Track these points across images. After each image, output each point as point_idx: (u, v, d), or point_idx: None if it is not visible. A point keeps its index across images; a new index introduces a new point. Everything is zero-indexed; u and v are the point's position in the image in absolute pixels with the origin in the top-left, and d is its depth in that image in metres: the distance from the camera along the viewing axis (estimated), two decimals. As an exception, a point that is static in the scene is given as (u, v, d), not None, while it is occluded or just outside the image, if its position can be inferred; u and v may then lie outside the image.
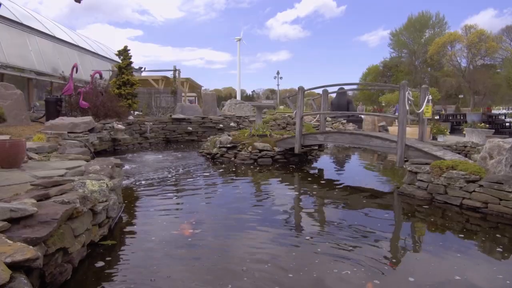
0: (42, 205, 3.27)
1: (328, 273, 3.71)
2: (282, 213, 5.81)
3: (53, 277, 3.14)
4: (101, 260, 3.94)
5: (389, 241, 4.79)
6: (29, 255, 2.40)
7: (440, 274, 3.72)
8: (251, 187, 8.07)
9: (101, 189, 4.36)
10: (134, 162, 10.91)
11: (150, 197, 6.86)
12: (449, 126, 21.22)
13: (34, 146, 7.88)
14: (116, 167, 5.87)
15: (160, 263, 4.00)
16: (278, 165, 10.37)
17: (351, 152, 14.71)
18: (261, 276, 3.64)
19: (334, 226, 5.22)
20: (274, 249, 4.38)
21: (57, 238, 3.15)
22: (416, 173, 7.04)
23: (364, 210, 6.06)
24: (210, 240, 4.64)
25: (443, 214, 5.95)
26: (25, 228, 2.89)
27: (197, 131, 17.04)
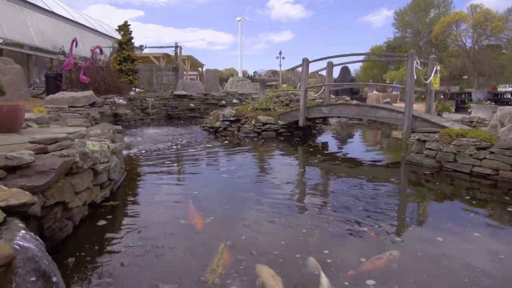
0: (40, 157, 3.13)
1: (328, 243, 3.60)
2: (286, 185, 5.64)
3: (52, 231, 3.01)
4: (103, 219, 3.83)
5: (395, 212, 4.62)
6: (25, 199, 2.26)
7: (448, 243, 3.57)
8: (254, 159, 7.92)
9: (102, 150, 4.22)
10: (136, 135, 10.77)
11: (152, 166, 6.73)
12: (454, 104, 20.95)
13: (33, 116, 7.70)
14: (117, 133, 5.72)
15: (163, 222, 3.89)
16: (282, 138, 10.21)
17: (355, 128, 14.53)
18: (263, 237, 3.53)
19: (338, 196, 5.05)
20: (274, 220, 4.25)
21: (56, 191, 3.01)
22: (424, 141, 6.87)
23: (371, 181, 5.90)
24: (213, 206, 4.52)
25: (452, 182, 5.81)
26: (21, 178, 2.74)
27: (199, 108, 16.82)
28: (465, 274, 2.88)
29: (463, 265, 3.03)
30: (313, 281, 2.72)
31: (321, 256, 3.11)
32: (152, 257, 3.06)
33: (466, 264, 3.03)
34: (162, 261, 3.01)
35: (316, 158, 7.76)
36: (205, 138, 10.17)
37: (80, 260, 2.97)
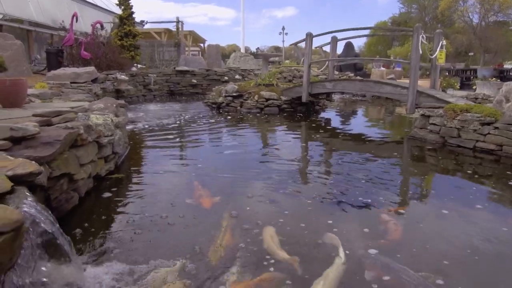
0: (44, 129, 3.13)
1: (331, 213, 3.63)
2: (289, 159, 5.65)
3: (59, 202, 3.05)
4: (108, 192, 3.87)
5: (398, 185, 4.64)
6: (32, 169, 2.27)
7: (450, 219, 3.58)
8: (257, 134, 7.92)
9: (105, 123, 4.22)
10: (139, 111, 10.75)
11: (155, 141, 6.75)
12: (459, 81, 20.70)
13: (36, 92, 7.67)
14: (120, 107, 5.71)
15: (167, 194, 3.93)
16: (285, 114, 10.17)
17: (359, 105, 14.45)
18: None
19: (341, 170, 5.07)
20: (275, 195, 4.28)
21: (61, 162, 3.03)
22: (428, 116, 6.83)
23: (374, 155, 5.90)
24: (216, 179, 4.55)
25: (455, 157, 5.81)
26: (27, 149, 2.76)
27: (201, 84, 16.71)
28: (468, 244, 2.91)
29: (466, 236, 3.06)
30: (317, 246, 2.77)
31: (326, 226, 3.16)
32: (157, 228, 3.10)
33: (469, 235, 3.07)
34: (167, 232, 3.06)
35: (319, 134, 7.75)
36: (207, 114, 10.15)
37: (86, 231, 3.02)
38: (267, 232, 2.99)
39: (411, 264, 2.56)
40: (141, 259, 2.57)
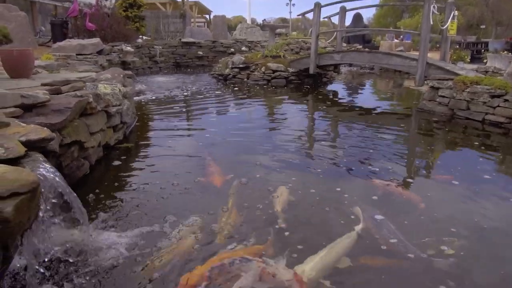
0: (54, 97, 3.15)
1: (338, 181, 3.66)
2: (296, 130, 5.64)
3: (70, 169, 3.10)
4: (117, 160, 3.92)
5: (406, 156, 4.64)
6: (44, 135, 2.30)
7: (457, 189, 3.57)
8: (264, 106, 7.89)
9: (113, 93, 4.23)
10: (145, 83, 10.72)
11: (162, 112, 6.77)
12: (469, 54, 20.27)
13: (42, 64, 7.66)
14: (127, 78, 5.70)
15: (175, 162, 3.98)
16: (292, 86, 10.10)
17: (366, 78, 14.27)
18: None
19: (348, 141, 5.07)
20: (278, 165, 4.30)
21: (72, 130, 3.06)
22: (437, 88, 6.76)
23: (381, 128, 5.86)
24: (223, 149, 4.58)
25: (464, 130, 5.78)
26: (38, 116, 2.79)
27: (207, 56, 16.56)
28: (475, 213, 2.94)
29: (473, 206, 3.09)
30: (326, 213, 2.83)
31: (335, 193, 3.21)
32: (166, 193, 3.16)
33: (476, 205, 3.10)
34: (175, 197, 3.12)
35: (326, 106, 7.72)
36: (214, 86, 10.11)
37: (98, 197, 3.08)
38: (280, 189, 3.19)
39: (418, 231, 2.61)
40: (152, 223, 2.64)
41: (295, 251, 2.34)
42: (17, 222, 1.58)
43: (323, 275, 2.12)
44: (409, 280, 2.15)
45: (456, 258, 2.30)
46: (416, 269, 2.22)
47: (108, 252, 2.23)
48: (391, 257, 2.33)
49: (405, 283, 2.13)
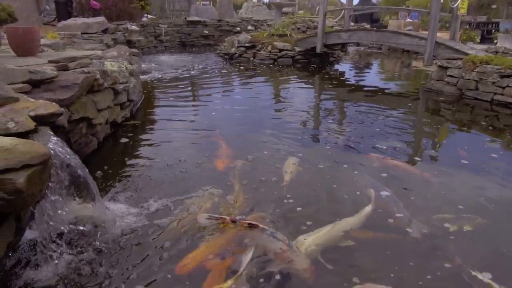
0: (62, 74, 3.16)
1: (344, 157, 3.67)
2: (302, 109, 5.61)
3: (79, 145, 3.13)
4: (124, 138, 3.95)
5: (414, 135, 4.62)
6: (53, 109, 2.32)
7: (464, 168, 3.56)
8: (270, 85, 7.85)
9: (120, 70, 4.23)
10: (151, 62, 10.67)
11: (168, 91, 6.76)
12: (480, 34, 19.86)
13: (48, 42, 7.63)
14: (133, 56, 5.68)
15: (181, 139, 4.00)
16: (299, 65, 10.01)
17: (374, 58, 14.08)
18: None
19: (354, 121, 5.04)
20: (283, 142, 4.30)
21: (80, 106, 3.08)
22: (446, 68, 6.67)
23: (388, 108, 5.80)
24: (229, 126, 4.58)
25: (471, 110, 5.73)
26: (46, 92, 2.80)
27: (213, 35, 16.38)
28: (482, 191, 2.95)
29: (481, 183, 3.10)
30: (332, 189, 2.85)
31: (343, 170, 3.22)
32: (173, 170, 3.19)
33: (483, 183, 3.10)
34: (183, 173, 3.14)
35: (333, 85, 7.66)
36: (220, 65, 10.04)
37: (106, 173, 3.12)
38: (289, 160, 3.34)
39: (424, 209, 2.63)
40: (160, 197, 2.68)
41: (301, 225, 2.37)
42: (30, 194, 1.61)
43: (323, 250, 2.15)
44: (406, 255, 2.17)
45: (457, 236, 2.32)
46: (414, 245, 2.25)
47: (119, 224, 2.28)
48: (394, 232, 2.36)
49: (401, 258, 2.15)
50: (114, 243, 2.14)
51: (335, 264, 2.04)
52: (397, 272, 1.98)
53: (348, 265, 2.07)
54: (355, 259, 2.12)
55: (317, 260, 2.06)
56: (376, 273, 1.99)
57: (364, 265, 2.07)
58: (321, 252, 2.12)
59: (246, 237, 2.19)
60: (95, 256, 2.03)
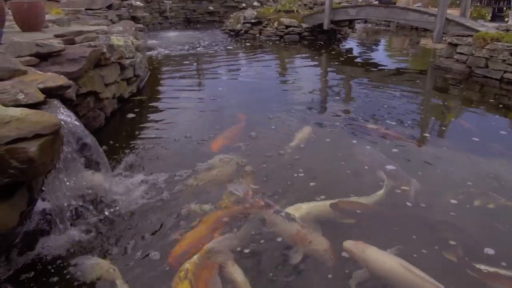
0: (69, 47, 3.14)
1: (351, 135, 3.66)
2: (308, 87, 5.56)
3: (87, 119, 3.14)
4: (131, 113, 3.97)
5: (421, 114, 4.56)
6: (61, 82, 2.32)
7: (473, 145, 3.53)
8: (276, 62, 7.77)
9: (126, 45, 4.20)
10: (156, 38, 10.58)
11: (174, 67, 6.72)
12: (491, 11, 19.41)
13: (52, 18, 7.56)
14: (139, 31, 5.63)
15: (188, 115, 4.01)
16: (306, 42, 9.88)
17: (382, 35, 13.85)
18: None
19: (360, 98, 4.98)
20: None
21: (87, 80, 3.08)
22: (456, 45, 6.55)
23: (395, 85, 5.73)
24: (235, 103, 4.57)
25: (481, 88, 5.66)
26: (53, 65, 2.80)
27: (218, 11, 16.15)
28: (491, 167, 2.95)
29: (490, 158, 3.09)
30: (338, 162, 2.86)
31: (350, 146, 3.23)
32: (180, 145, 3.22)
33: (492, 158, 3.10)
34: (190, 148, 3.16)
35: (340, 63, 7.57)
36: (225, 41, 9.94)
37: (113, 147, 3.14)
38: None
39: (434, 185, 2.64)
40: (167, 170, 2.72)
41: (309, 196, 2.40)
42: (41, 163, 1.63)
43: (318, 217, 2.21)
44: (407, 228, 2.19)
45: (458, 211, 2.33)
46: (414, 218, 2.29)
47: (128, 196, 2.32)
48: (399, 205, 2.38)
49: (400, 229, 2.17)
50: (122, 213, 2.18)
51: (328, 230, 2.10)
52: (391, 240, 2.02)
53: (342, 232, 2.12)
54: (349, 228, 2.17)
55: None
56: (369, 241, 2.01)
57: (358, 233, 2.11)
58: (315, 219, 2.17)
59: (261, 216, 2.21)
60: (104, 225, 2.07)
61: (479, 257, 1.92)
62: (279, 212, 2.20)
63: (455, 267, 1.87)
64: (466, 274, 1.81)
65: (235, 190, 2.40)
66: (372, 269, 1.83)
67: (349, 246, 1.95)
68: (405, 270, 1.78)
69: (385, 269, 1.83)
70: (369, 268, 1.83)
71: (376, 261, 1.87)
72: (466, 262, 1.89)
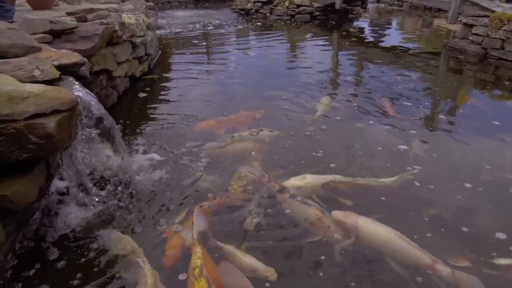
0: (81, 25, 3.13)
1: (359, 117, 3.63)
2: (318, 67, 5.50)
3: (100, 98, 3.14)
4: (143, 92, 3.98)
5: (434, 96, 4.49)
6: (76, 59, 2.33)
7: (488, 130, 3.47)
8: (287, 42, 7.67)
9: (138, 23, 4.18)
10: (166, 17, 10.51)
11: (185, 46, 6.69)
12: (507, -9, 18.86)
13: (62, -5, 7.53)
14: (149, 9, 5.58)
15: (198, 94, 4.01)
16: (317, 22, 9.73)
17: (394, 15, 13.56)
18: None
19: (370, 80, 4.92)
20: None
21: (100, 58, 3.08)
22: (471, 26, 6.41)
23: (407, 67, 5.62)
24: (245, 83, 4.55)
25: (495, 70, 5.55)
26: (66, 42, 2.80)
27: (228, -10, 15.97)
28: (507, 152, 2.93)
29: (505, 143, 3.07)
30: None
31: (358, 129, 3.23)
32: (187, 123, 3.23)
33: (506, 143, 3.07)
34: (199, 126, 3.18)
35: (352, 43, 7.46)
36: (236, 21, 9.83)
37: (126, 126, 3.17)
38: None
39: (449, 165, 2.64)
40: (180, 147, 2.76)
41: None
42: (60, 139, 1.65)
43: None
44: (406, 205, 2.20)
45: (470, 194, 2.33)
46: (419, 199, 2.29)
47: (144, 172, 2.36)
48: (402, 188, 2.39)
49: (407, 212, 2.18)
50: (138, 190, 2.22)
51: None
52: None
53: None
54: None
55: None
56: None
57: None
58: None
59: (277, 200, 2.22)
60: (122, 201, 2.12)
61: (490, 242, 1.92)
62: (294, 197, 2.18)
63: (462, 250, 1.88)
64: (476, 259, 1.81)
65: (250, 173, 2.41)
66: (364, 238, 1.88)
67: (339, 216, 1.98)
68: (397, 238, 1.84)
69: (378, 238, 1.87)
70: (361, 237, 1.88)
71: (368, 230, 1.91)
72: (476, 246, 1.89)
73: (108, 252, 1.78)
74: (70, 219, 1.95)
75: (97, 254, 1.78)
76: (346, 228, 1.93)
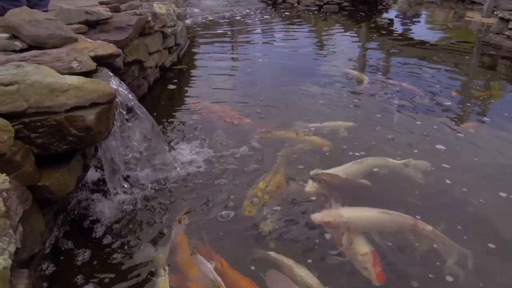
0: (115, 15, 3.17)
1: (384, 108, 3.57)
2: (345, 60, 5.41)
3: (132, 88, 3.18)
4: (172, 84, 4.01)
5: (466, 93, 4.33)
6: (111, 50, 2.36)
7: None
8: (313, 33, 7.56)
9: (168, 13, 4.20)
10: (193, 6, 10.49)
11: (213, 36, 6.69)
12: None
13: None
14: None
15: (227, 87, 4.02)
16: (345, 13, 9.54)
17: (425, 7, 13.15)
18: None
19: (398, 73, 4.81)
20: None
21: (133, 49, 3.11)
22: (508, 20, 6.16)
23: (438, 62, 5.42)
24: (269, 76, 4.52)
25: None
26: (101, 33, 2.84)
27: (255, -21, 15.83)
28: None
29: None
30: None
31: (387, 127, 3.18)
32: (220, 120, 3.25)
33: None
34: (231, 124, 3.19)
35: (381, 35, 7.30)
36: (263, 10, 9.76)
37: (155, 118, 3.19)
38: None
39: (468, 163, 2.61)
40: (209, 138, 2.79)
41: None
42: (98, 131, 1.69)
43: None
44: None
45: (486, 193, 2.28)
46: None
47: (178, 165, 2.39)
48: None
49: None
50: (176, 182, 2.27)
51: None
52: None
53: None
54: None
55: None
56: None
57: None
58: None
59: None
60: (158, 194, 2.16)
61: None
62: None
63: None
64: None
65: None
66: (355, 226, 1.90)
67: (320, 218, 1.94)
68: (382, 213, 1.92)
69: (367, 220, 1.94)
70: (352, 228, 1.88)
71: (355, 217, 1.94)
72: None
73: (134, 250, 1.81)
74: (103, 211, 2.00)
75: (125, 250, 1.81)
76: (333, 226, 1.91)
